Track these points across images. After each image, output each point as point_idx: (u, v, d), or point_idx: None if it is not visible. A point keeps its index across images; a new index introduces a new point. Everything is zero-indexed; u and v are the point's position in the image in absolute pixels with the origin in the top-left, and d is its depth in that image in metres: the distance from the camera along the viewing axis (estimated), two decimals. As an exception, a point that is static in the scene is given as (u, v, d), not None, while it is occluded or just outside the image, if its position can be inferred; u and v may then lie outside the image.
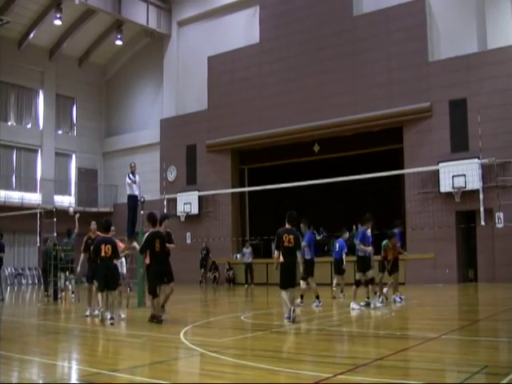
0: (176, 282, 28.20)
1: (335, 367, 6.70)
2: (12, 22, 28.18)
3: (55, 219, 18.77)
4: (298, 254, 11.22)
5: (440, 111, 22.90)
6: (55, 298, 18.14)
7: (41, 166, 32.60)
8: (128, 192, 16.70)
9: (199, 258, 27.77)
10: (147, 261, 11.74)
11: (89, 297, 13.32)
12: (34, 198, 30.84)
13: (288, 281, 11.11)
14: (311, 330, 10.65)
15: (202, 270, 27.68)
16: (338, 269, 16.72)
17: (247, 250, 25.94)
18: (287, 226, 11.21)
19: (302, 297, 14.45)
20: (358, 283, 13.68)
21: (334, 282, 17.47)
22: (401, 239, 16.35)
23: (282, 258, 11.00)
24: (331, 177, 17.54)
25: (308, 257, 14.22)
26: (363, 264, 13.88)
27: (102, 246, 11.58)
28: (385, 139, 24.96)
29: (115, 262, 11.91)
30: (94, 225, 14.04)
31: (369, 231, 14.10)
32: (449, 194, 22.10)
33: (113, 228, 13.11)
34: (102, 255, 11.54)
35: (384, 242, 15.04)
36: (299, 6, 26.72)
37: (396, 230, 15.71)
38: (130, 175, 16.69)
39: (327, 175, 18.13)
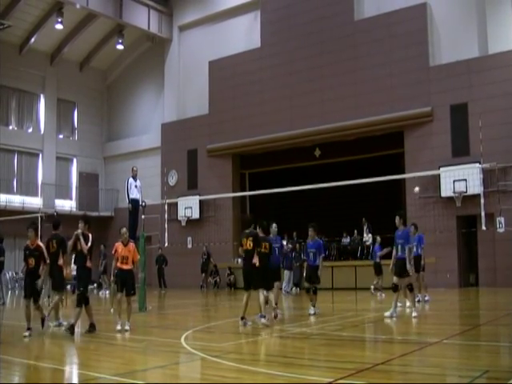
0: (177, 286, 28.28)
1: (336, 372, 6.69)
2: (13, 26, 28.25)
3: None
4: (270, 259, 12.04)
5: (441, 116, 22.91)
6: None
7: (42, 170, 32.61)
8: (130, 196, 16.72)
9: (200, 263, 27.75)
10: (88, 264, 11.07)
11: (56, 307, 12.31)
12: (34, 202, 30.83)
13: (263, 282, 11.70)
14: (312, 334, 10.63)
15: (203, 275, 27.65)
16: (378, 270, 19.15)
17: None
18: (262, 234, 11.97)
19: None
20: (411, 288, 12.82)
21: (374, 282, 19.43)
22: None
23: (258, 263, 11.66)
24: (332, 181, 17.54)
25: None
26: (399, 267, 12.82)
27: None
28: (386, 144, 24.98)
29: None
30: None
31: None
32: (450, 199, 22.10)
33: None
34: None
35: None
36: (300, 10, 26.77)
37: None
38: (131, 179, 16.71)
39: (328, 180, 18.12)
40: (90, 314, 10.92)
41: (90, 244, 10.87)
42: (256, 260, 11.58)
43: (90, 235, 11.00)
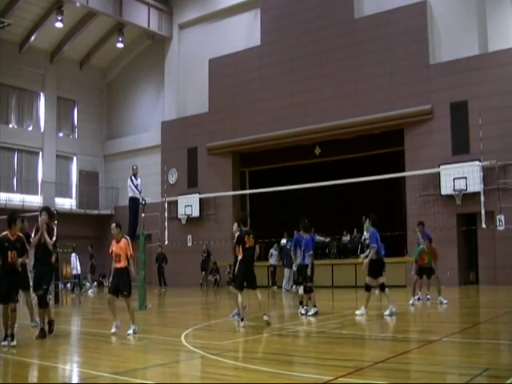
0: (177, 284, 28.24)
1: (337, 370, 6.69)
2: (13, 24, 28.23)
3: (56, 222, 18.76)
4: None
5: (441, 113, 22.90)
6: (56, 300, 18.18)
7: (42, 169, 32.60)
8: (130, 194, 16.73)
9: (200, 261, 27.79)
10: (53, 259, 10.65)
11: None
12: (35, 200, 30.84)
13: (244, 282, 11.32)
14: (312, 332, 10.64)
15: (203, 273, 27.68)
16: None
17: (275, 252, 25.43)
18: (245, 228, 11.42)
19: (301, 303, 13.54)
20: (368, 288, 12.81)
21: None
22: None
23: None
24: (332, 179, 17.54)
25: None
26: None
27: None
28: (386, 142, 24.97)
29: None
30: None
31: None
32: (450, 197, 22.10)
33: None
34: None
35: (420, 247, 15.07)
36: (300, 8, 26.74)
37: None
38: (132, 178, 16.71)
39: (328, 178, 18.14)
40: (49, 315, 10.21)
41: (54, 238, 10.23)
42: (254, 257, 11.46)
43: (55, 228, 10.41)
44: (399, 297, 17.83)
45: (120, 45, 32.63)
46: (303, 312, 12.88)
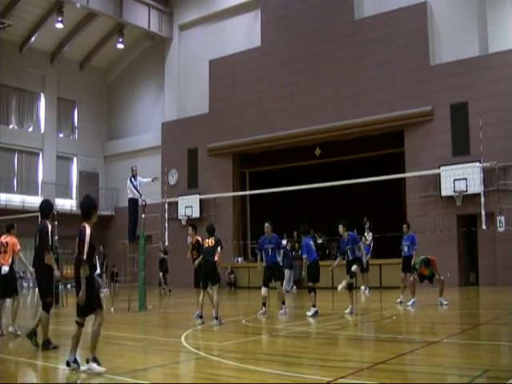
0: (177, 285, 28.17)
1: (337, 371, 6.70)
2: (13, 25, 28.22)
3: (56, 222, 18.76)
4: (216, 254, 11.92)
5: (441, 115, 22.90)
6: (56, 301, 18.16)
7: (42, 170, 32.64)
8: (129, 196, 16.73)
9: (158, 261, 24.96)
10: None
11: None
12: (35, 201, 30.80)
13: (198, 281, 12.37)
14: (312, 333, 10.64)
15: (161, 274, 24.77)
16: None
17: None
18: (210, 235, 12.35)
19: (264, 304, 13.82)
20: (350, 287, 13.85)
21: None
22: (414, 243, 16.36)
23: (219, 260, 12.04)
24: (332, 180, 17.54)
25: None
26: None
27: None
28: (386, 143, 24.98)
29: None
30: None
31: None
32: (450, 198, 22.09)
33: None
34: None
35: (421, 258, 15.14)
36: (300, 9, 26.75)
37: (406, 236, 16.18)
38: (132, 179, 16.70)
39: (328, 179, 18.13)
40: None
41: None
42: (217, 258, 11.83)
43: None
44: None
45: (120, 46, 32.67)
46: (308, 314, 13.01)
